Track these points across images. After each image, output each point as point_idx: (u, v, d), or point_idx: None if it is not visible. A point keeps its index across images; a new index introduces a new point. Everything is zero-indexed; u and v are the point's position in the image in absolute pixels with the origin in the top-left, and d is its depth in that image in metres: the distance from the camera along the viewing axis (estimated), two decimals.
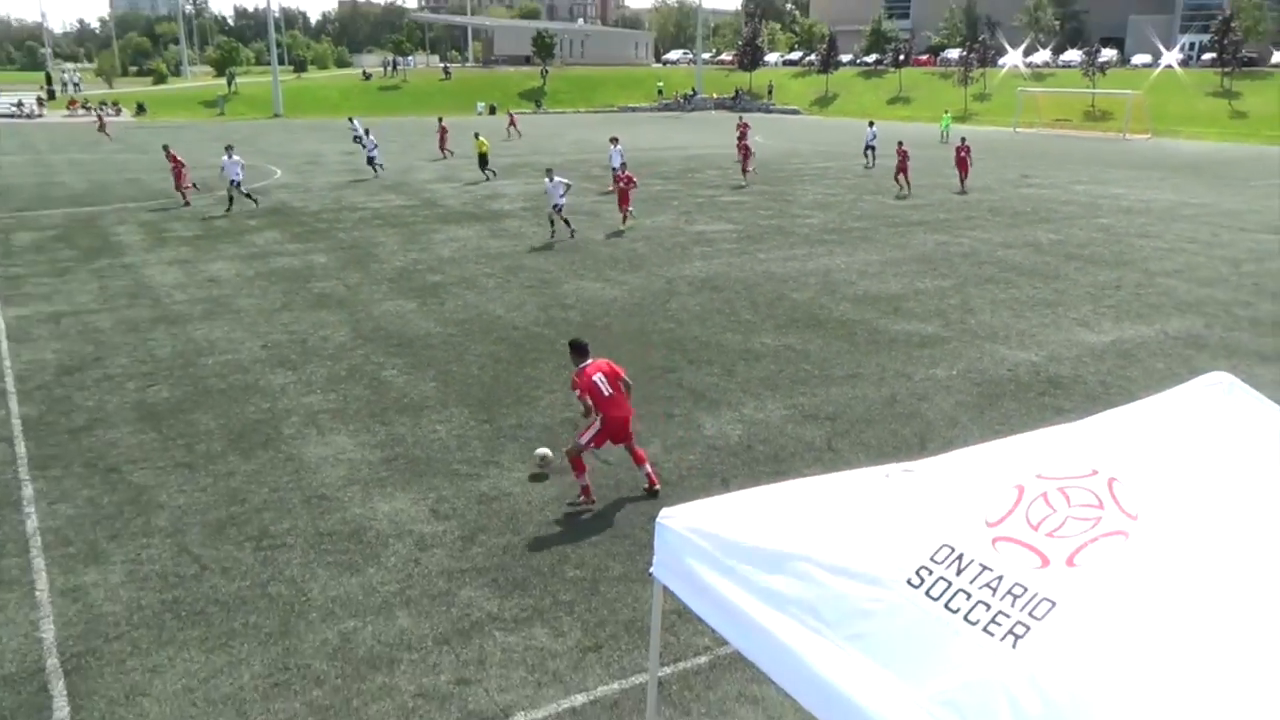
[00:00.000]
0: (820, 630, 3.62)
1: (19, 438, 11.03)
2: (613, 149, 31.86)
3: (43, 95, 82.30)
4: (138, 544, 8.62)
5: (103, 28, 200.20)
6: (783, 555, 3.96)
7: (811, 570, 3.83)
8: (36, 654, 7.04)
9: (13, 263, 20.57)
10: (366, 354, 14.29)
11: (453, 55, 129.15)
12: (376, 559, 8.42)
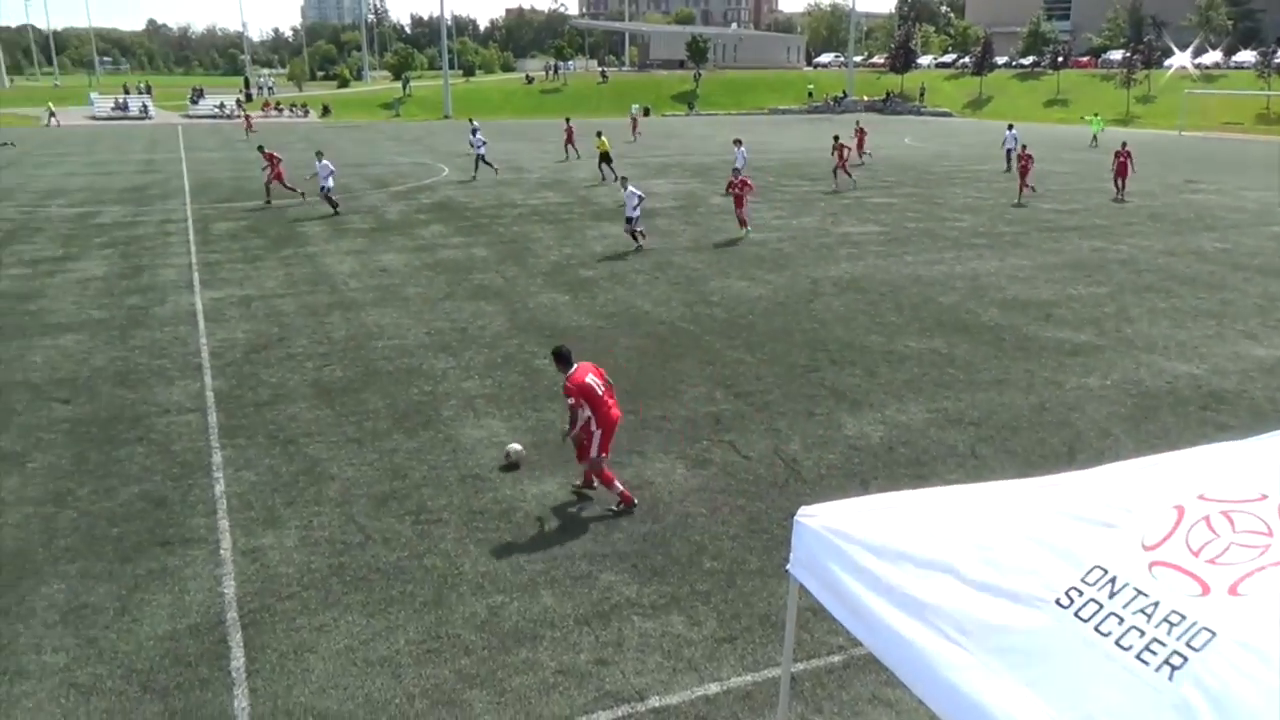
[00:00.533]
0: (960, 642, 3.56)
1: (212, 409, 12.07)
2: (737, 151, 31.78)
3: (241, 98, 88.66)
4: (310, 511, 9.32)
5: (295, 36, 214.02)
6: (923, 561, 3.92)
7: (953, 580, 3.78)
8: (219, 607, 7.73)
9: (211, 250, 22.38)
10: (521, 343, 14.85)
11: (610, 60, 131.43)
12: (524, 539, 8.80)
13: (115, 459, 10.53)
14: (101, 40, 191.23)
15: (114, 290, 18.41)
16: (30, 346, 14.67)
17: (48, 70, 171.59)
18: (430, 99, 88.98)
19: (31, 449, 10.79)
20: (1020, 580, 3.67)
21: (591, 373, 9.24)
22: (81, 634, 7.33)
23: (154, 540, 8.76)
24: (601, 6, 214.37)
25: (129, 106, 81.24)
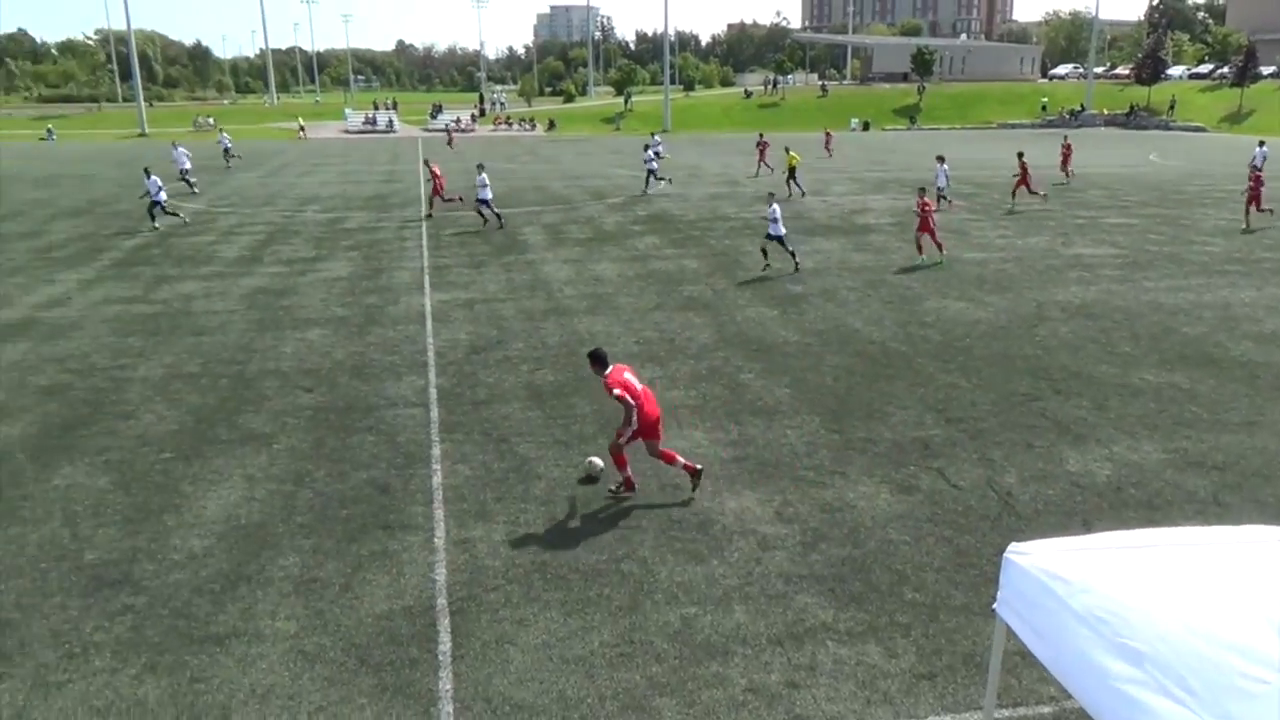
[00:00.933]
0: (1184, 701, 3.26)
1: (434, 404, 12.83)
2: (939, 168, 30.40)
3: (475, 113, 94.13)
4: (518, 508, 9.71)
5: (526, 54, 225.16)
6: (1147, 610, 3.61)
7: (1181, 632, 3.46)
8: (430, 593, 8.19)
9: (441, 255, 23.85)
10: (727, 356, 14.88)
11: (831, 73, 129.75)
12: (720, 552, 8.79)
13: (348, 446, 11.39)
14: (357, 60, 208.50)
15: (355, 290, 19.96)
16: (283, 338, 16.13)
17: (310, 88, 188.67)
18: (650, 113, 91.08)
19: (279, 432, 11.86)
20: (1260, 638, 3.30)
21: (629, 372, 9.82)
22: (310, 605, 7.96)
23: (377, 524, 9.40)
24: (824, 19, 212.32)
25: (377, 121, 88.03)
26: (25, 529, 9.28)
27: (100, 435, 11.72)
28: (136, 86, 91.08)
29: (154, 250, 24.86)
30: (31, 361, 14.85)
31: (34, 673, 7.05)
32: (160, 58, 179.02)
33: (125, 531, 9.23)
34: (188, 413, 12.52)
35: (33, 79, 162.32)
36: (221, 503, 9.86)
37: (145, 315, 17.80)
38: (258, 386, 13.61)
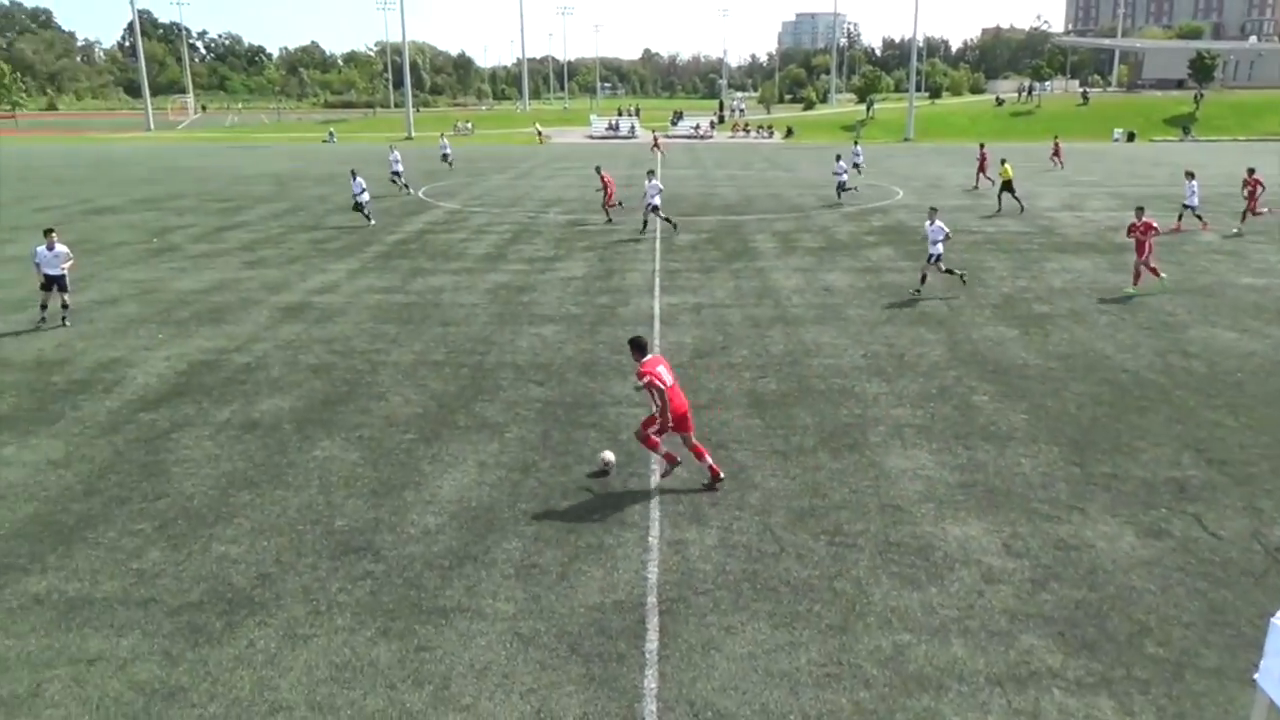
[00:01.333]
0: None
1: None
2: (1188, 184, 27.37)
3: (714, 119, 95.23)
4: (731, 515, 9.71)
5: (769, 61, 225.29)
6: None
7: None
8: (641, 590, 8.33)
9: (673, 259, 24.28)
10: (959, 376, 14.21)
11: (1094, 80, 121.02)
12: (940, 580, 8.40)
13: (573, 440, 11.81)
14: (604, 68, 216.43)
15: (589, 290, 20.68)
16: (520, 333, 16.97)
17: (559, 95, 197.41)
18: (892, 121, 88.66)
19: (511, 421, 12.47)
20: None
21: (663, 364, 10.28)
22: (528, 590, 8.31)
23: (595, 518, 9.67)
24: (1090, 22, 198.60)
25: (619, 127, 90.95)
26: (288, 493, 10.27)
27: (355, 413, 12.78)
28: (406, 93, 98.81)
29: (412, 245, 26.85)
30: (303, 341, 16.42)
31: (286, 624, 7.78)
32: (429, 67, 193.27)
33: (370, 503, 10.01)
34: (431, 398, 13.42)
35: (320, 86, 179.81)
36: (455, 484, 10.49)
37: (401, 305, 19.25)
38: (494, 377, 14.38)
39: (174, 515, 9.72)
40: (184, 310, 18.69)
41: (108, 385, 13.93)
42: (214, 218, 32.57)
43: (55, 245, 17.48)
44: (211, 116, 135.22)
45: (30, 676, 7.07)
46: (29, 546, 9.05)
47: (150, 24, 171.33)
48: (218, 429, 12.18)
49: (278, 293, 20.36)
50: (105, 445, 11.61)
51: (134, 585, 8.35)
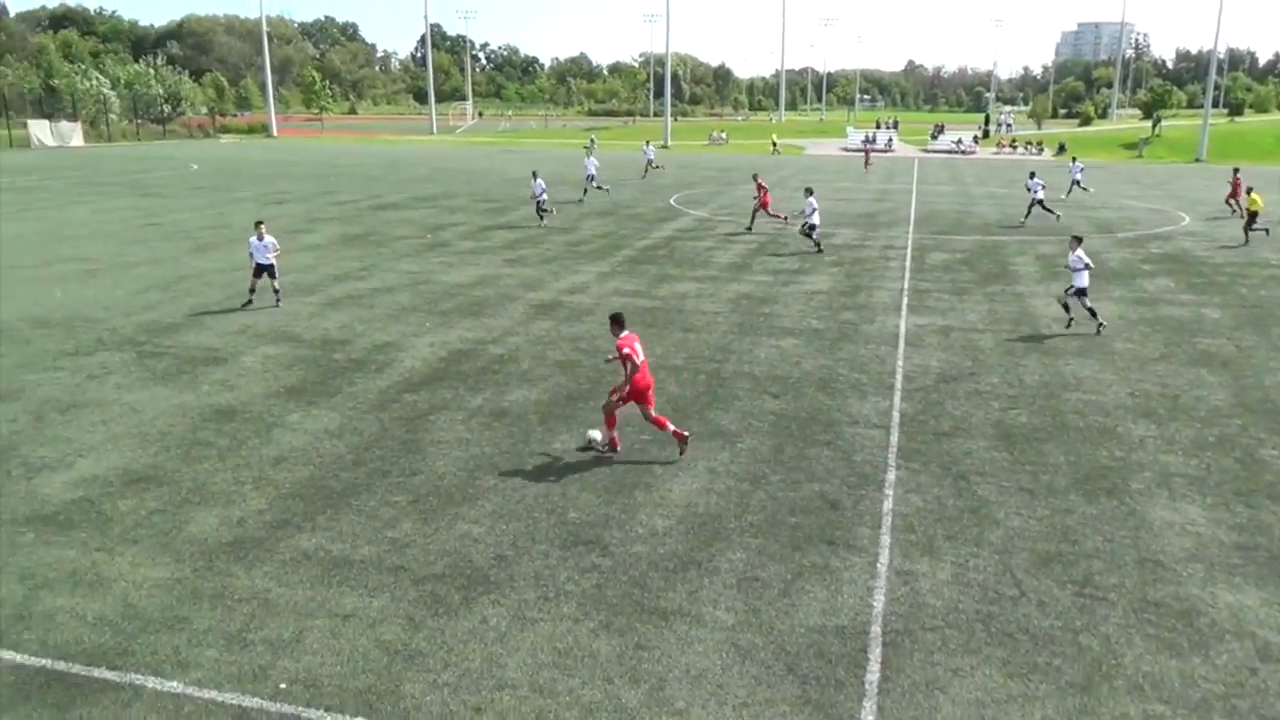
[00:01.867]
0: None
1: (895, 428, 12.63)
2: None
3: (977, 134, 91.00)
4: (968, 551, 9.20)
5: (1043, 74, 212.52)
6: None
7: None
8: (865, 617, 8.05)
9: (923, 278, 23.41)
10: (1244, 425, 12.74)
11: None
12: (1205, 650, 7.55)
13: (805, 456, 11.63)
14: (865, 80, 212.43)
15: (833, 305, 20.32)
16: (759, 344, 16.93)
17: (816, 107, 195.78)
18: (1182, 140, 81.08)
19: (743, 432, 12.46)
20: None
21: (638, 341, 11.32)
22: (749, 602, 8.25)
23: (822, 537, 9.47)
24: None
25: (875, 140, 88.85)
26: (526, 482, 10.78)
27: (595, 410, 13.22)
28: (665, 103, 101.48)
29: (660, 251, 27.49)
30: (552, 338, 17.20)
31: (516, 606, 8.16)
32: (689, 77, 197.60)
33: (603, 499, 10.31)
34: (667, 402, 13.65)
35: (585, 95, 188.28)
36: (685, 489, 10.61)
37: (645, 309, 19.75)
38: (730, 386, 14.43)
39: (426, 491, 10.46)
40: (449, 302, 20.10)
41: (380, 366, 15.21)
42: (481, 217, 34.84)
43: (264, 236, 19.08)
44: (486, 122, 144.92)
45: (295, 623, 7.82)
46: (303, 506, 10.03)
47: (440, 37, 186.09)
48: (470, 414, 12.99)
49: (533, 290, 21.46)
50: (373, 420, 12.68)
51: (387, 552, 9.05)
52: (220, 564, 8.77)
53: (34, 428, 12.13)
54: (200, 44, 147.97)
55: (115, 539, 9.20)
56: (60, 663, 7.23)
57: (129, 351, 15.74)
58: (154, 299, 19.59)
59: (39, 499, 10.05)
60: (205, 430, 12.18)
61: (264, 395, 13.56)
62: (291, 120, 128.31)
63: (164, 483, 10.53)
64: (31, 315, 18.10)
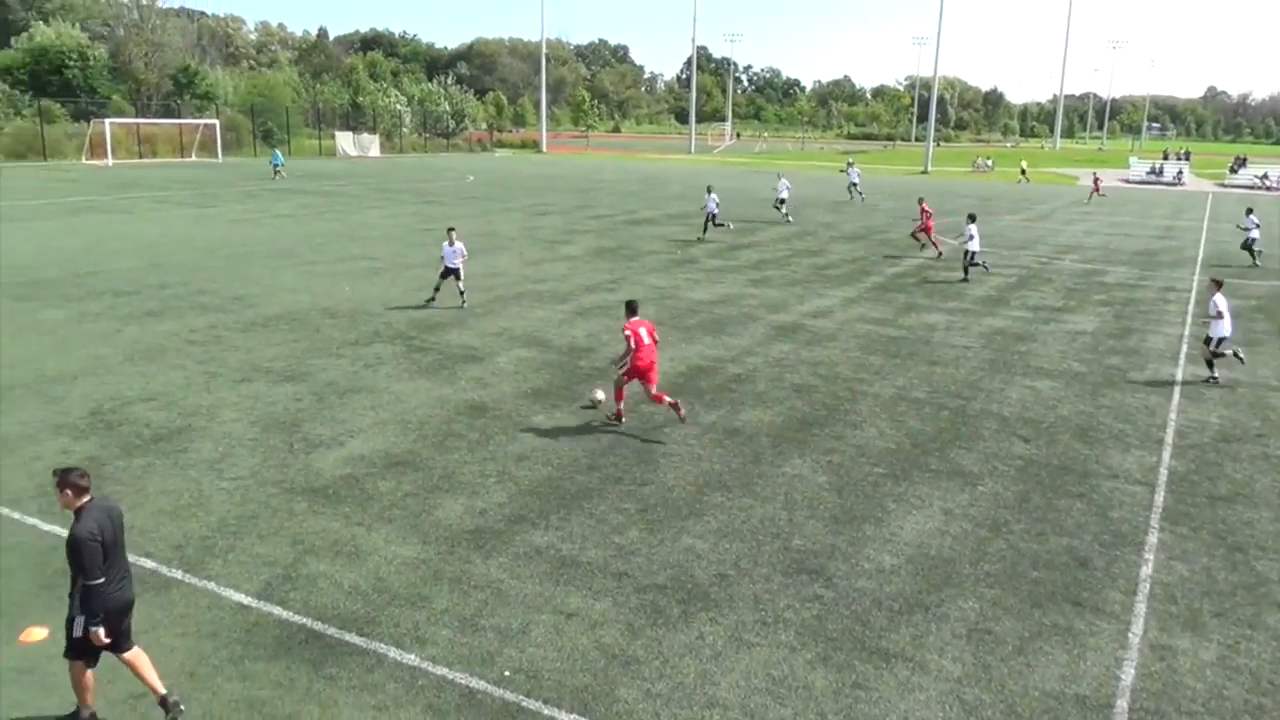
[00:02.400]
0: None
1: (1160, 486, 11.51)
2: None
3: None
4: (1240, 632, 8.21)
5: None
6: None
7: None
8: (1110, 690, 7.37)
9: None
10: None
11: None
12: None
13: (1054, 507, 10.83)
14: (1154, 107, 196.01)
15: (1098, 348, 18.84)
16: (1011, 383, 15.98)
17: (1096, 135, 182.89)
18: None
19: (986, 474, 11.79)
20: None
21: (644, 327, 12.81)
22: (979, 656, 7.78)
23: (1067, 597, 8.77)
24: None
25: (1163, 172, 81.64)
26: (754, 503, 10.73)
27: (829, 438, 12.98)
28: (929, 128, 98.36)
29: (909, 280, 26.61)
30: (791, 361, 17.06)
31: (734, 626, 8.13)
32: (956, 102, 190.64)
33: (830, 529, 10.09)
34: (906, 435, 13.17)
35: (845, 118, 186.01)
36: (917, 528, 10.17)
37: (890, 338, 19.17)
38: (975, 425, 13.71)
39: (655, 502, 10.65)
40: (691, 318, 20.43)
41: None
42: (730, 236, 35.18)
43: (455, 242, 20.16)
44: (744, 143, 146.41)
45: (523, 615, 8.20)
46: (539, 504, 10.51)
47: (705, 59, 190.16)
48: (703, 430, 13.11)
49: (775, 312, 21.40)
50: (610, 428, 13.08)
51: (613, 557, 9.30)
52: (461, 550, 9.35)
53: (315, 407, 13.47)
54: (486, 64, 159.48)
55: (373, 516, 10.04)
56: (317, 623, 7.97)
57: (400, 345, 17.16)
58: (426, 298, 21.26)
59: (313, 472, 11.15)
60: (458, 423, 13.04)
61: (514, 395, 14.35)
62: (560, 137, 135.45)
63: (419, 468, 11.38)
64: (323, 306, 20.15)
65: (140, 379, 14.47)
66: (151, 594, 8.26)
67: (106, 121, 62.37)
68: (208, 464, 11.27)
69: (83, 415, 12.78)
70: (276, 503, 10.27)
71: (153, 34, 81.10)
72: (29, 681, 7.03)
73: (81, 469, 6.44)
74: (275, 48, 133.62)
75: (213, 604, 8.21)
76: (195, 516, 9.87)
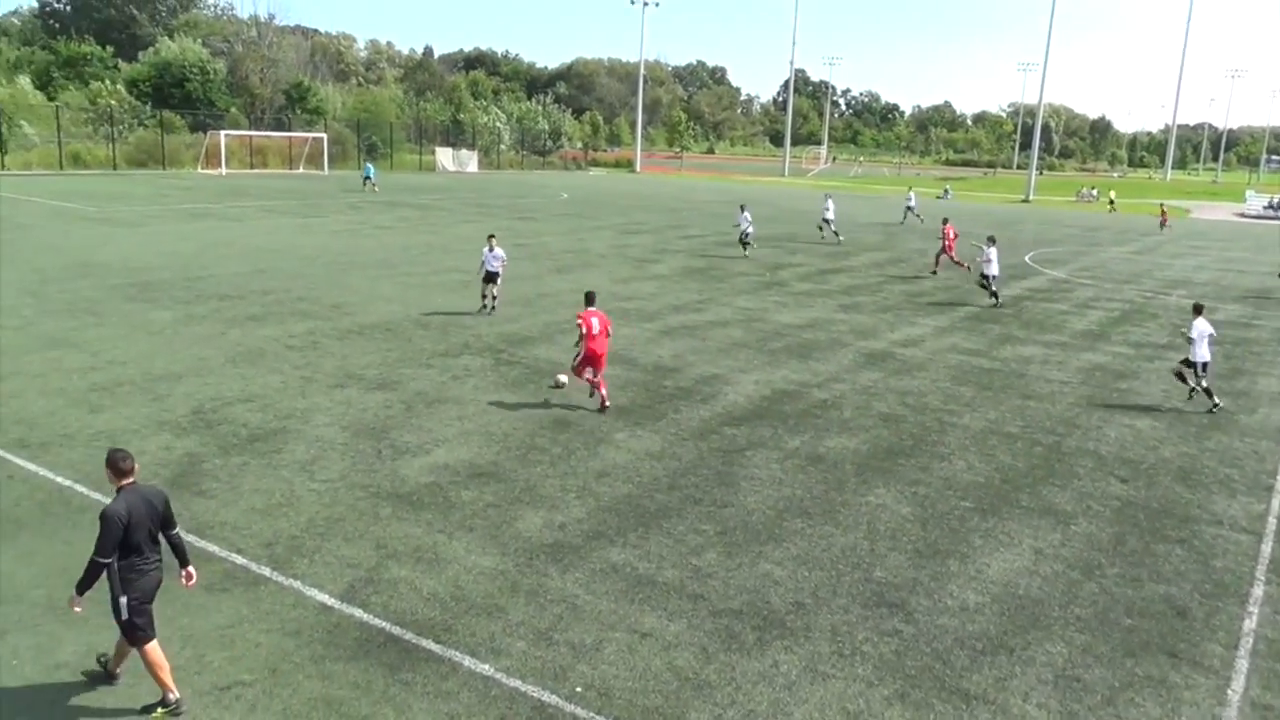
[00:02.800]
0: None
1: (1269, 537, 10.94)
2: None
3: None
4: None
5: None
6: None
7: None
8: None
9: None
10: None
11: None
12: None
13: (1151, 552, 10.38)
14: (1275, 139, 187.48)
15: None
16: (1109, 420, 15.40)
17: (1210, 166, 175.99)
18: None
19: (1079, 514, 11.37)
20: None
21: (596, 317, 14.01)
22: (1065, 703, 7.48)
23: (1162, 647, 8.39)
24: None
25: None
26: (835, 531, 10.55)
27: (915, 469, 12.69)
28: (1032, 156, 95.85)
29: (1006, 310, 25.93)
30: (879, 389, 16.77)
31: (810, 657, 7.99)
32: (1061, 129, 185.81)
33: (913, 562, 9.85)
34: (996, 470, 12.80)
35: (944, 144, 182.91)
36: (1005, 566, 9.86)
37: (982, 369, 18.69)
38: (1070, 463, 13.24)
39: (734, 525, 10.57)
40: (778, 341, 20.26)
41: (705, 397, 15.64)
42: (821, 260, 34.84)
43: (495, 248, 21.01)
44: (839, 167, 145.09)
45: (597, 632, 8.20)
46: (618, 521, 10.52)
47: (802, 82, 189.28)
48: (786, 455, 12.97)
49: (864, 338, 21.08)
50: (692, 448, 13.04)
51: (690, 579, 9.25)
52: (539, 563, 9.42)
53: (404, 416, 13.77)
54: (584, 84, 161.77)
55: (455, 525, 10.19)
56: (396, 628, 8.11)
57: (488, 357, 17.43)
58: (515, 312, 21.56)
59: (399, 478, 11.38)
60: (542, 437, 13.17)
61: (594, 411, 14.43)
62: (654, 157, 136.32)
63: (501, 480, 11.52)
64: (416, 317, 20.62)
65: (240, 380, 15.01)
66: (241, 589, 8.54)
67: (222, 133, 65.15)
68: (300, 465, 11.61)
69: (185, 414, 13.31)
70: (363, 506, 10.51)
71: (269, 50, 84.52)
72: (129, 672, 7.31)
73: (125, 452, 6.83)
74: (383, 65, 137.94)
75: (297, 602, 8.43)
76: (285, 516, 10.17)
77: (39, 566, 8.71)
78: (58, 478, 10.81)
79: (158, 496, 6.89)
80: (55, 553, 9.01)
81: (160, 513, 6.83)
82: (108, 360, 15.72)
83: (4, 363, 15.23)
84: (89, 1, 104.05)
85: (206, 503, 10.39)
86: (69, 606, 6.76)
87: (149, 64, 75.51)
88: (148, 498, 6.78)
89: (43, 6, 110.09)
